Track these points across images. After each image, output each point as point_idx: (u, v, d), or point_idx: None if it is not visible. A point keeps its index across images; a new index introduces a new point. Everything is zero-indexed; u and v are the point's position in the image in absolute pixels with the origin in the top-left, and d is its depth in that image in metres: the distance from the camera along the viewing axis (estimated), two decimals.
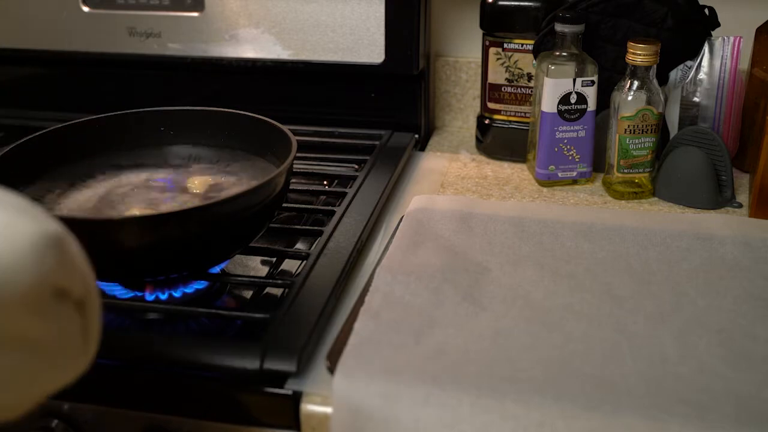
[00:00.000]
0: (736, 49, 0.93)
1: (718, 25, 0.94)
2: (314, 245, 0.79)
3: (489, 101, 1.03)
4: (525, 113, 1.01)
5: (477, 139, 1.06)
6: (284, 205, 0.83)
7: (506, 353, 0.63)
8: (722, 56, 0.93)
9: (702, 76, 0.95)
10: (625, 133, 0.89)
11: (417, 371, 0.60)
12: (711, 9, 0.93)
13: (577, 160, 0.94)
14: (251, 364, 0.62)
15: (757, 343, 0.64)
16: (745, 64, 0.97)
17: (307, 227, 0.85)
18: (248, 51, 1.06)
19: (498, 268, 0.75)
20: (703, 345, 0.64)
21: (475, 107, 1.11)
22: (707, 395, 0.58)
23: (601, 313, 0.68)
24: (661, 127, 0.91)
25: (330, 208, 0.86)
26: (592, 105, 0.92)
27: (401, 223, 0.84)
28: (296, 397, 0.61)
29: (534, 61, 0.96)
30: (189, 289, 0.74)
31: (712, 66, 0.94)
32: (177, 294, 0.74)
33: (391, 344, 0.64)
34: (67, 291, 0.42)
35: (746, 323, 0.67)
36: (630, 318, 0.67)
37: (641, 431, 0.55)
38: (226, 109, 0.87)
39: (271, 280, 0.76)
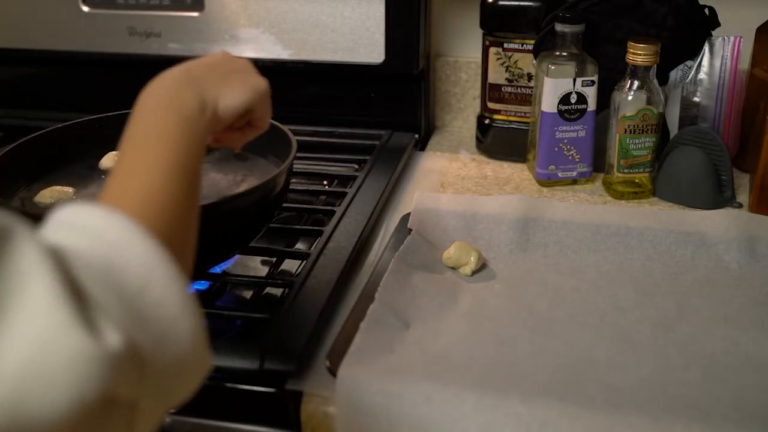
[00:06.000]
0: (736, 48, 0.93)
1: (719, 24, 0.94)
2: (314, 245, 0.79)
3: (489, 101, 1.03)
4: (525, 113, 1.01)
5: (477, 139, 1.06)
6: (284, 205, 0.83)
7: (509, 359, 0.63)
8: (722, 56, 0.93)
9: (702, 75, 0.95)
10: (625, 133, 0.89)
11: (420, 370, 0.60)
12: (711, 9, 0.93)
13: (577, 160, 0.94)
14: (251, 364, 0.62)
15: (762, 349, 0.64)
16: (745, 64, 0.97)
17: (307, 227, 0.85)
18: (248, 51, 1.06)
19: (503, 282, 0.75)
20: (708, 352, 0.64)
21: (475, 107, 1.11)
22: (711, 400, 0.58)
23: (604, 323, 0.68)
24: (661, 126, 0.90)
25: (330, 208, 0.86)
26: (592, 105, 0.92)
27: (409, 221, 0.83)
28: (296, 397, 0.61)
29: (534, 61, 0.96)
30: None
31: (713, 66, 0.94)
32: None
33: (393, 348, 0.64)
34: (113, 398, 0.38)
35: (751, 329, 0.67)
36: (634, 327, 0.67)
37: (645, 431, 0.55)
38: None
39: (271, 280, 0.76)
